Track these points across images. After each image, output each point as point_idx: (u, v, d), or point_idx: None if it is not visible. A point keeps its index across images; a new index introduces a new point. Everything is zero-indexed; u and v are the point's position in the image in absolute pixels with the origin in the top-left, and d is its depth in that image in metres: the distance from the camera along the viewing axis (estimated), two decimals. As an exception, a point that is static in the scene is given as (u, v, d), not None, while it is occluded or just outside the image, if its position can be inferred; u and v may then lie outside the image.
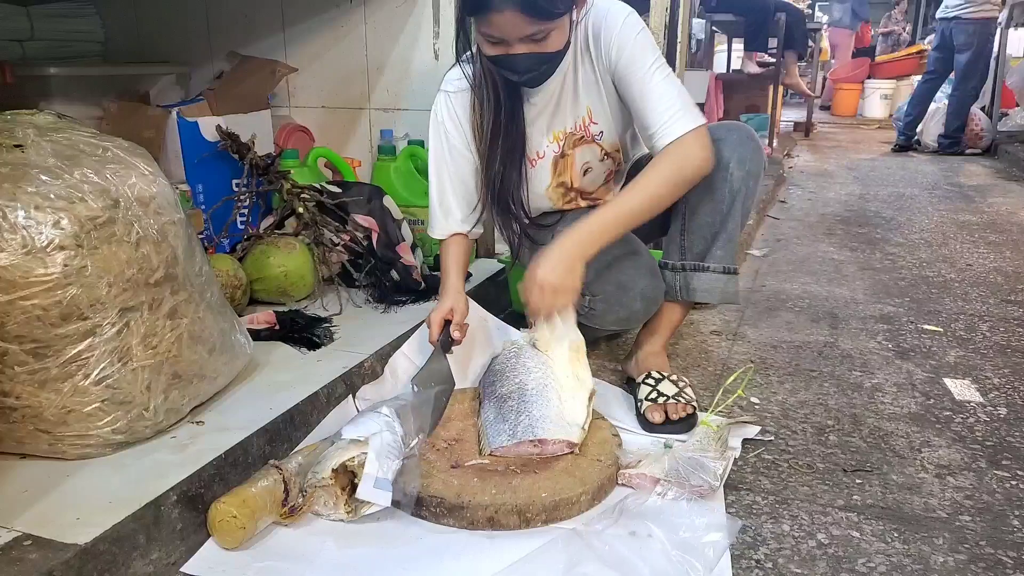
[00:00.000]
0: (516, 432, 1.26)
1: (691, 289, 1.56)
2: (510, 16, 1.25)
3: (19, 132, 1.11)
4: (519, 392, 1.34)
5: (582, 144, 1.55)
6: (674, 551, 1.07)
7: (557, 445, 1.26)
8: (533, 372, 1.37)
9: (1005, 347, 1.95)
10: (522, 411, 1.29)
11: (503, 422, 1.30)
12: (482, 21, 1.29)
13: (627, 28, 1.39)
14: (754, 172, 1.50)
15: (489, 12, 1.26)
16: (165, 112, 1.94)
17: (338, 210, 1.87)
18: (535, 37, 1.29)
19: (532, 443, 1.25)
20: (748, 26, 5.27)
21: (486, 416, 1.35)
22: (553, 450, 1.26)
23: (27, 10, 2.30)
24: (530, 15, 1.25)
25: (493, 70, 1.41)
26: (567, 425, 1.28)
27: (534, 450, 1.25)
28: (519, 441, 1.25)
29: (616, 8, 1.42)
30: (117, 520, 0.96)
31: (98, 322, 1.08)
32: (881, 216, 3.63)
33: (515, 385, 1.36)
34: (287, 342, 1.56)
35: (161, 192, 1.19)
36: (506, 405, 1.32)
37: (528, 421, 1.27)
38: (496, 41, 1.31)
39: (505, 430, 1.27)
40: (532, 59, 1.33)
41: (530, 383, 1.35)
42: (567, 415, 1.29)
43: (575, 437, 1.26)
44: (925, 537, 1.16)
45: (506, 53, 1.32)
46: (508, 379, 1.38)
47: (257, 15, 2.35)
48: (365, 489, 1.11)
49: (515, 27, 1.27)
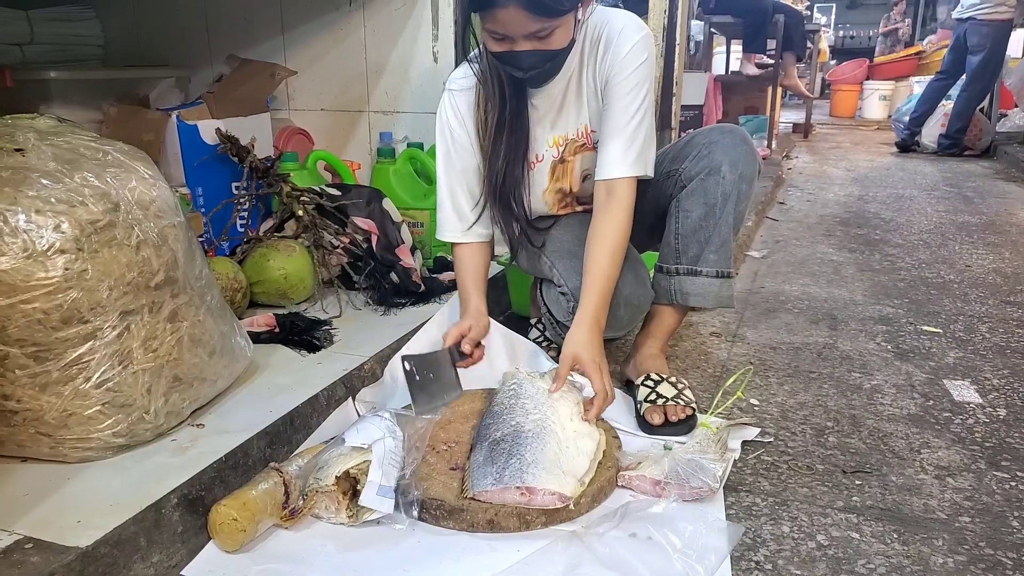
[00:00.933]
0: (503, 476, 1.15)
1: (685, 293, 1.56)
2: (514, 12, 1.25)
3: (20, 136, 1.12)
4: (514, 434, 1.23)
5: (583, 151, 1.56)
6: (675, 554, 1.07)
7: (547, 497, 1.13)
8: (532, 414, 1.28)
9: (1004, 348, 1.95)
10: (513, 453, 1.18)
11: (491, 464, 1.18)
12: (487, 17, 1.30)
13: (632, 55, 1.41)
14: (747, 175, 1.51)
15: (494, 8, 1.27)
16: (165, 115, 1.94)
17: (337, 213, 1.87)
18: (539, 34, 1.30)
19: (519, 490, 1.13)
20: (747, 28, 5.28)
21: (475, 458, 1.23)
22: (543, 502, 1.13)
23: (27, 14, 2.30)
24: (534, 12, 1.26)
25: (498, 67, 1.42)
26: (561, 475, 1.16)
27: (521, 499, 1.14)
28: (505, 487, 1.14)
29: (630, 29, 1.43)
30: (118, 523, 0.97)
31: (99, 325, 1.08)
32: (880, 217, 3.63)
33: (510, 428, 1.25)
34: (287, 345, 1.56)
35: (161, 195, 1.20)
36: (498, 447, 1.22)
37: (518, 465, 1.16)
38: (501, 38, 1.32)
39: (492, 472, 1.17)
40: (536, 56, 1.34)
41: (527, 425, 1.25)
42: (564, 464, 1.19)
43: (568, 490, 1.14)
44: (925, 538, 1.16)
45: (511, 50, 1.33)
46: (504, 421, 1.28)
47: (256, 18, 2.35)
48: (368, 497, 1.11)
49: (519, 23, 1.28)
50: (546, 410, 1.29)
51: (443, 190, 1.59)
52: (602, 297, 1.41)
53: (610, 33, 1.43)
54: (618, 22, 1.43)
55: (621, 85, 1.42)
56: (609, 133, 1.44)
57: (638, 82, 1.42)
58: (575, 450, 1.23)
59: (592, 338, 1.37)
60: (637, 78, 1.42)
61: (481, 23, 1.34)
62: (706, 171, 1.51)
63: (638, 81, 1.42)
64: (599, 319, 1.40)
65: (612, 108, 1.43)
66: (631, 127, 1.42)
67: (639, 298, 1.53)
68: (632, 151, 1.42)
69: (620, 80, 1.42)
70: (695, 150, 1.54)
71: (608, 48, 1.43)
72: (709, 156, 1.51)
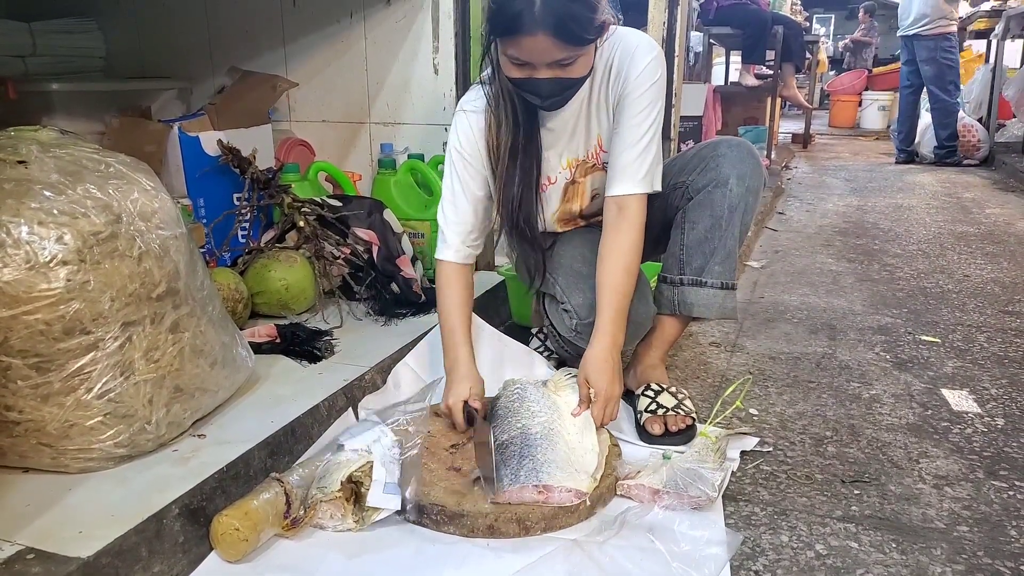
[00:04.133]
0: (519, 476, 1.17)
1: (688, 304, 1.56)
2: (542, 40, 1.23)
3: (23, 148, 1.12)
4: (522, 437, 1.25)
5: (593, 171, 1.56)
6: (675, 563, 1.07)
7: (565, 494, 1.17)
8: (538, 416, 1.30)
9: (1002, 358, 1.95)
10: (524, 455, 1.21)
11: (504, 467, 1.21)
12: (510, 43, 1.28)
13: (646, 74, 1.41)
14: (753, 188, 1.52)
15: (520, 35, 1.24)
16: (167, 127, 1.96)
17: (339, 223, 1.88)
18: (563, 62, 1.29)
19: (537, 489, 1.16)
20: (746, 39, 5.31)
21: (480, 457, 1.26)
22: (560, 499, 1.17)
23: (29, 26, 2.32)
24: (563, 40, 1.24)
25: (513, 92, 1.40)
26: (575, 473, 1.20)
27: (539, 497, 1.16)
28: (523, 485, 1.16)
29: (642, 50, 1.42)
30: (119, 533, 0.97)
31: (100, 336, 1.09)
32: (879, 227, 3.64)
33: (517, 430, 1.27)
34: (288, 355, 1.56)
35: (163, 207, 1.21)
36: (507, 451, 1.23)
37: (532, 465, 1.18)
38: (522, 64, 1.30)
39: (507, 474, 1.18)
40: (557, 84, 1.32)
41: (534, 428, 1.27)
42: (575, 462, 1.22)
43: (584, 486, 1.18)
44: (923, 548, 1.16)
45: (531, 77, 1.31)
46: (510, 424, 1.29)
47: (258, 31, 2.37)
48: (375, 495, 1.12)
49: (545, 52, 1.26)
50: (552, 413, 1.31)
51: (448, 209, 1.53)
52: (618, 314, 1.40)
53: (623, 53, 1.42)
54: (631, 41, 1.43)
55: (634, 104, 1.41)
56: (620, 150, 1.43)
57: (651, 101, 1.42)
58: (583, 449, 1.26)
59: (607, 359, 1.37)
60: (650, 97, 1.42)
61: (501, 48, 1.32)
62: (713, 183, 1.51)
63: (651, 100, 1.42)
64: (616, 338, 1.40)
65: (624, 126, 1.43)
66: (642, 144, 1.42)
67: (642, 315, 1.54)
68: (643, 168, 1.42)
69: (633, 99, 1.41)
70: (702, 163, 1.54)
71: (621, 68, 1.42)
72: (717, 169, 1.51)
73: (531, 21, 1.21)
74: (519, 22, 1.22)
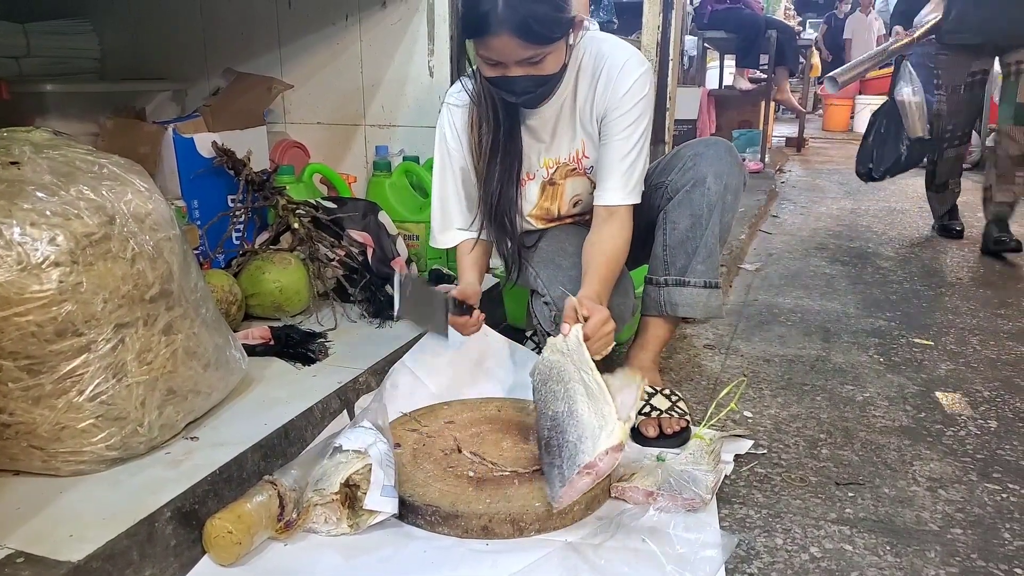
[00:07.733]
0: (564, 473, 1.14)
1: (674, 304, 1.57)
2: (506, 40, 1.29)
3: (15, 149, 1.12)
4: (552, 424, 1.22)
5: (574, 176, 1.58)
6: (670, 566, 1.07)
7: (606, 461, 1.11)
8: (558, 391, 1.25)
9: (995, 360, 1.96)
10: (563, 444, 1.17)
11: (552, 467, 1.19)
12: (480, 44, 1.34)
13: (635, 90, 1.45)
14: (732, 186, 1.54)
15: (486, 36, 1.30)
16: (161, 128, 1.95)
17: (333, 226, 1.88)
18: (531, 60, 1.34)
19: (583, 473, 1.12)
20: (740, 43, 5.33)
21: (543, 464, 1.25)
22: (606, 467, 1.12)
23: (23, 27, 2.31)
24: (526, 40, 1.30)
25: (492, 90, 1.45)
26: (604, 426, 1.12)
27: (589, 477, 1.12)
28: (570, 481, 1.13)
29: (632, 64, 1.46)
30: (111, 537, 0.96)
31: (93, 338, 1.08)
32: (872, 230, 3.66)
33: (550, 420, 1.24)
34: (282, 357, 1.56)
35: (157, 208, 1.20)
36: (551, 446, 1.21)
37: (570, 452, 1.14)
38: (494, 63, 1.35)
39: (556, 477, 1.16)
40: (529, 81, 1.37)
41: (559, 407, 1.22)
42: (602, 409, 1.15)
43: (616, 438, 1.10)
44: (917, 550, 1.17)
45: (504, 75, 1.37)
46: (545, 416, 1.27)
47: (253, 32, 2.36)
48: (373, 498, 1.12)
49: (512, 51, 1.31)
50: (567, 377, 1.24)
51: (436, 201, 1.61)
52: (603, 283, 1.42)
53: (611, 68, 1.46)
54: (619, 57, 1.46)
55: (623, 118, 1.46)
56: (609, 163, 1.48)
57: (639, 115, 1.46)
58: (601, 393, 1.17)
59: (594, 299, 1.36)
60: (638, 112, 1.46)
61: (475, 49, 1.37)
62: (692, 183, 1.53)
63: (639, 115, 1.46)
64: (601, 296, 1.40)
65: (613, 139, 1.47)
66: (631, 158, 1.47)
67: (619, 308, 1.51)
68: (631, 181, 1.48)
69: (622, 113, 1.46)
70: (681, 162, 1.57)
71: (609, 83, 1.46)
72: (695, 168, 1.54)
73: (495, 21, 1.27)
74: (485, 23, 1.28)
